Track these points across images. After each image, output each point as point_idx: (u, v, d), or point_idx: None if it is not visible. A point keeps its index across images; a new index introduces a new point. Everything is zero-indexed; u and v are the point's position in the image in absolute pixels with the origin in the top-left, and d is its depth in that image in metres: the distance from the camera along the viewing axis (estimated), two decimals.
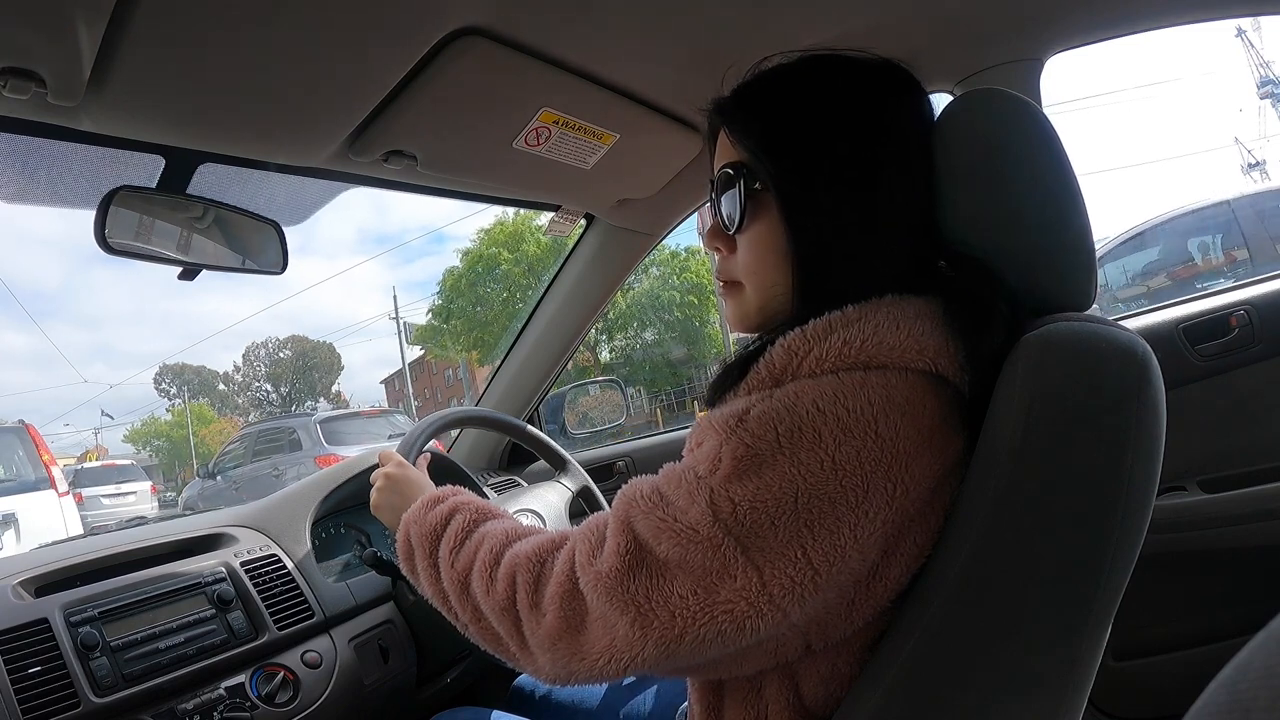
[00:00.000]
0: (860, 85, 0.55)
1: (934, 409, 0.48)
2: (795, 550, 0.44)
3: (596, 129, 0.92)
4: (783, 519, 0.44)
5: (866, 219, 0.53)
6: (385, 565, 1.00)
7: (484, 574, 0.56)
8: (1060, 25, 0.90)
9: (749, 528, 0.44)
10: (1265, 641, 0.17)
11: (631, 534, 0.48)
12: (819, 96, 0.55)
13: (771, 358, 0.50)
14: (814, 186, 0.53)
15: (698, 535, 0.45)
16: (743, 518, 0.44)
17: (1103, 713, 1.11)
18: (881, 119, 0.54)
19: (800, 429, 0.45)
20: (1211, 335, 1.08)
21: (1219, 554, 1.06)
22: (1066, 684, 0.51)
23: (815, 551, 0.44)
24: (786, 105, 0.55)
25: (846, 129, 0.53)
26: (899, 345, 0.48)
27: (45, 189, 0.88)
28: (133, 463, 14.01)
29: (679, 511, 0.46)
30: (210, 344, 69.28)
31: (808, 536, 0.44)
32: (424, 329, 20.67)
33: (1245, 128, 41.38)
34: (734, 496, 0.45)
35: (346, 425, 8.00)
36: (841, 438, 0.45)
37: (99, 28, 0.56)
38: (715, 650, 0.46)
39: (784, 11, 0.79)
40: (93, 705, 0.74)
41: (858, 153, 0.53)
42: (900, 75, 0.57)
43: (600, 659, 0.48)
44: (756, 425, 0.46)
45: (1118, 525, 0.47)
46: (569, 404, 1.63)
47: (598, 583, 0.48)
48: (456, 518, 0.63)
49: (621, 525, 0.49)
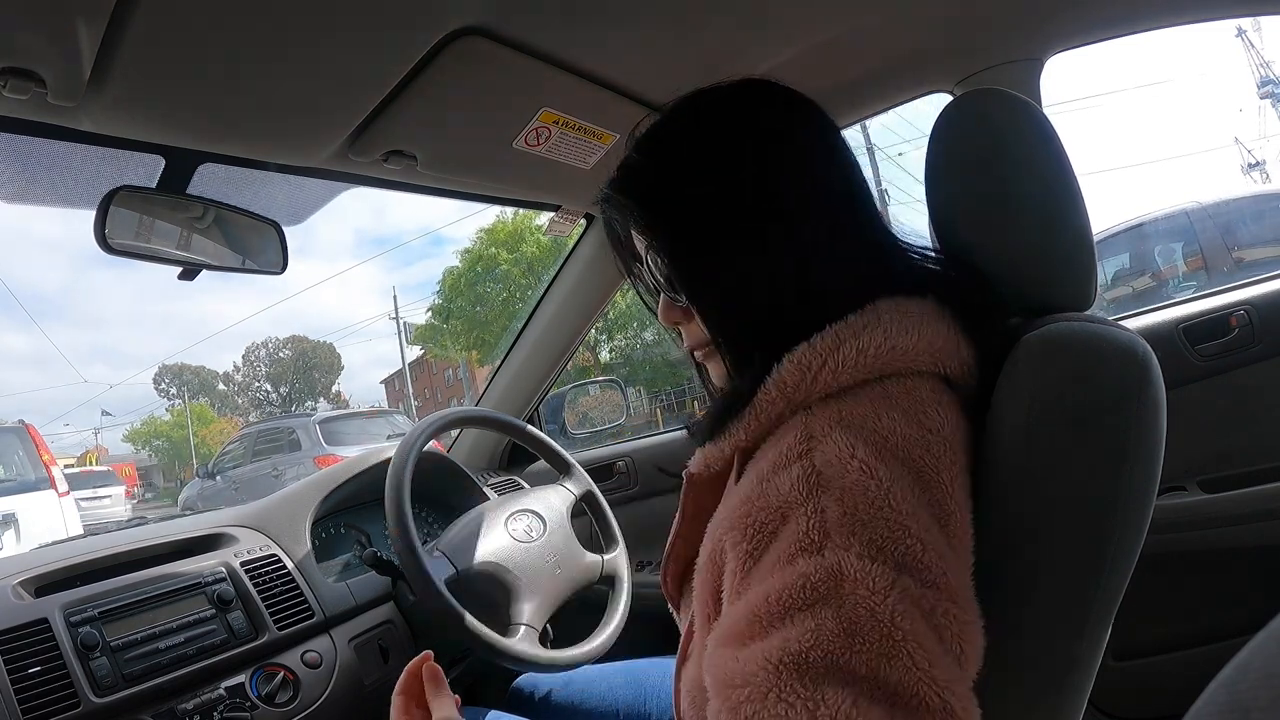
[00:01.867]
0: (721, 126, 0.52)
1: (946, 412, 0.47)
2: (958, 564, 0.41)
3: (596, 129, 0.92)
4: (928, 537, 0.40)
5: (781, 257, 0.49)
6: (385, 565, 1.00)
7: None
8: (1060, 25, 0.90)
9: (910, 569, 0.38)
10: (1265, 641, 0.17)
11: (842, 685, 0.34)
12: (681, 159, 0.52)
13: (782, 377, 0.46)
14: (701, 250, 0.50)
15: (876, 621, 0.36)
16: (897, 555, 0.38)
17: (1103, 713, 1.11)
18: (750, 152, 0.51)
19: (874, 443, 0.42)
20: (1211, 335, 1.08)
21: (1219, 554, 1.05)
22: (1066, 684, 0.51)
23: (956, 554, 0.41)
24: (652, 178, 0.53)
25: (711, 182, 0.51)
26: (912, 349, 0.46)
27: (45, 189, 0.88)
28: (109, 469, 14.64)
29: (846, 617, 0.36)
30: (210, 345, 69.45)
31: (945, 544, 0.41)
32: (424, 329, 20.64)
33: (1245, 128, 41.42)
34: (857, 545, 0.38)
35: (345, 425, 8.04)
36: (892, 487, 0.40)
37: (99, 28, 0.56)
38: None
39: (783, 12, 0.79)
40: (93, 705, 0.74)
41: (736, 201, 0.50)
42: (766, 92, 0.54)
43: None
44: (834, 468, 0.41)
45: (1118, 525, 0.47)
46: (569, 404, 1.63)
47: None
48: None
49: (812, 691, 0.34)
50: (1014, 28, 0.90)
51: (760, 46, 0.83)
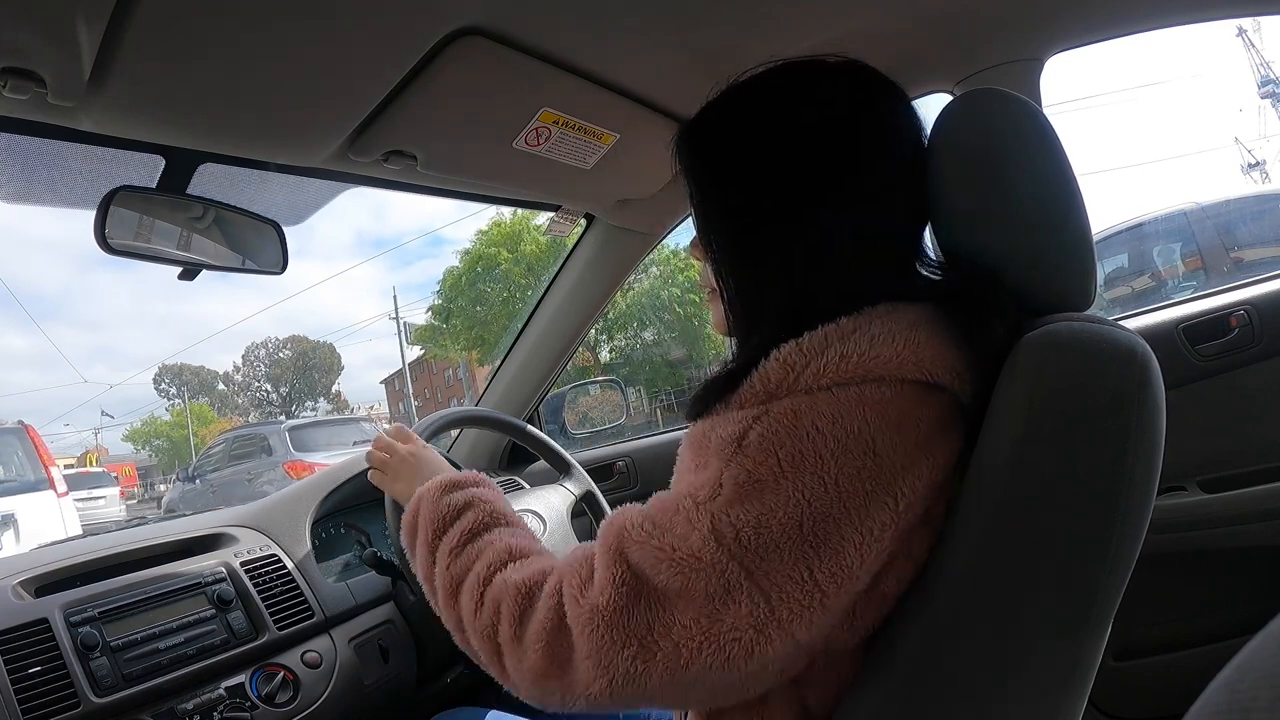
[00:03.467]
0: (805, 104, 0.54)
1: (930, 419, 0.48)
2: (802, 572, 0.44)
3: (596, 129, 0.92)
4: (788, 542, 0.44)
5: (813, 238, 0.52)
6: (385, 565, 1.00)
7: (474, 592, 0.55)
8: (1060, 25, 0.90)
9: (754, 551, 0.44)
10: (1265, 642, 0.17)
11: (626, 564, 0.47)
12: (754, 128, 0.54)
13: (766, 372, 0.49)
14: (746, 228, 0.54)
15: (700, 562, 0.44)
16: (747, 542, 0.44)
17: (1103, 713, 1.11)
18: (828, 136, 0.53)
19: (802, 452, 0.45)
20: (1211, 335, 1.08)
21: (1219, 554, 1.06)
22: (1066, 684, 0.51)
23: (821, 573, 0.44)
24: (721, 142, 0.56)
25: (782, 157, 0.53)
26: (894, 358, 0.47)
27: (45, 189, 0.88)
28: (103, 470, 14.94)
29: (678, 539, 0.45)
30: (210, 345, 69.36)
31: (814, 558, 0.44)
32: (424, 329, 20.62)
33: (1245, 128, 41.34)
34: (736, 521, 0.44)
35: (315, 432, 8.38)
36: (842, 458, 0.44)
37: (99, 28, 0.56)
38: (720, 677, 0.45)
39: (783, 12, 0.79)
40: (93, 705, 0.74)
41: (797, 180, 0.52)
42: (855, 76, 0.55)
43: (588, 690, 0.47)
44: (757, 450, 0.45)
45: (1118, 525, 0.47)
46: (569, 404, 1.63)
47: (593, 617, 0.46)
48: (468, 514, 0.62)
49: (614, 556, 0.47)
50: (1014, 28, 0.90)
51: (760, 47, 0.83)
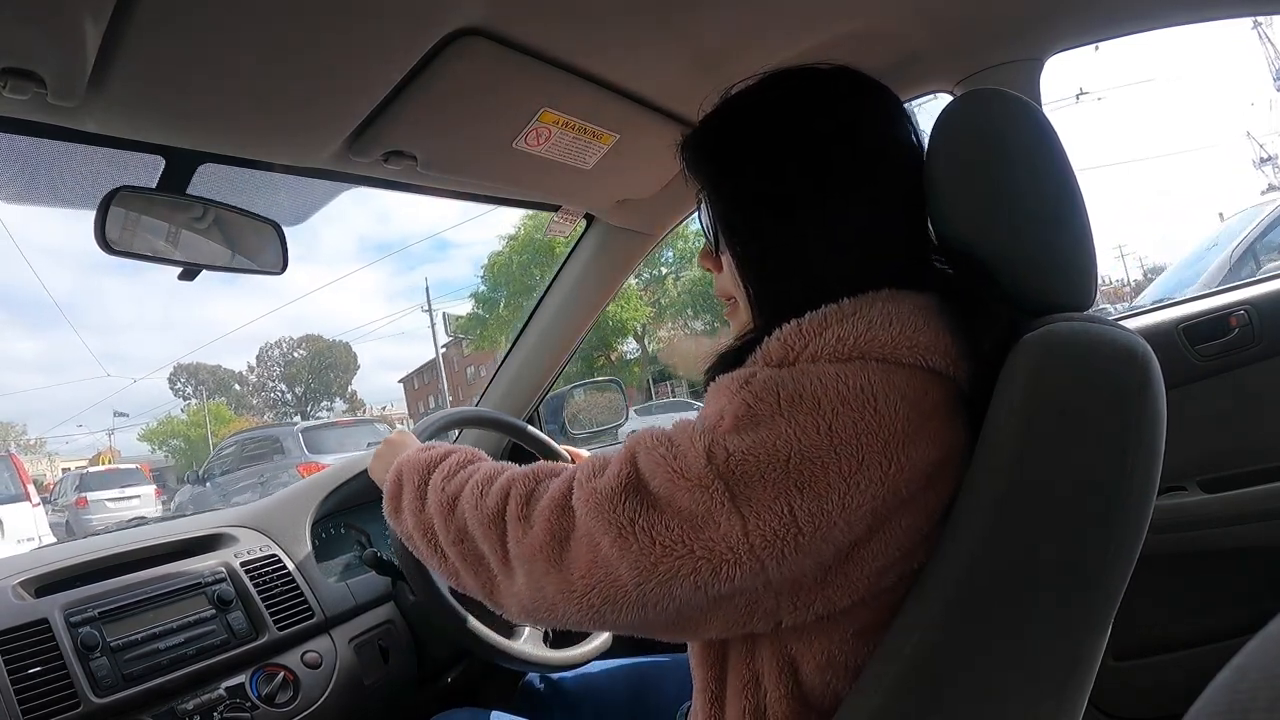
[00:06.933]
0: (806, 104, 0.57)
1: (934, 397, 0.49)
2: (782, 506, 0.45)
3: (596, 129, 0.92)
4: (773, 474, 0.45)
5: (825, 235, 0.54)
6: (385, 565, 1.00)
7: (476, 491, 0.58)
8: (1060, 25, 0.90)
9: (739, 476, 0.46)
10: (1264, 643, 0.17)
11: (633, 464, 0.50)
12: (761, 127, 0.57)
13: (768, 349, 0.52)
14: (759, 218, 0.56)
15: (689, 475, 0.47)
16: (735, 466, 0.46)
17: (1103, 713, 1.11)
18: (833, 134, 0.55)
19: (801, 395, 0.47)
20: (1212, 335, 1.07)
21: (1219, 554, 1.05)
22: (1066, 684, 0.51)
23: (801, 511, 0.45)
24: (730, 139, 0.58)
25: (789, 154, 0.55)
26: (891, 341, 0.49)
27: (46, 189, 0.87)
28: (136, 467, 14.33)
29: (678, 452, 0.48)
30: (224, 345, 69.37)
31: (796, 496, 0.45)
32: (465, 320, 19.95)
33: (1257, 122, 41.12)
34: (729, 446, 0.47)
35: (328, 434, 8.68)
36: (840, 408, 0.46)
37: (99, 28, 0.56)
38: (686, 591, 0.47)
39: (783, 12, 0.79)
40: (93, 705, 0.74)
41: (804, 176, 0.55)
42: (852, 81, 0.58)
43: (577, 578, 0.50)
44: (760, 387, 0.48)
45: (1118, 525, 0.47)
46: (569, 404, 1.63)
47: (591, 497, 0.50)
48: (453, 455, 0.66)
49: (626, 456, 0.51)
50: (1014, 28, 0.90)
51: (761, 47, 0.83)
